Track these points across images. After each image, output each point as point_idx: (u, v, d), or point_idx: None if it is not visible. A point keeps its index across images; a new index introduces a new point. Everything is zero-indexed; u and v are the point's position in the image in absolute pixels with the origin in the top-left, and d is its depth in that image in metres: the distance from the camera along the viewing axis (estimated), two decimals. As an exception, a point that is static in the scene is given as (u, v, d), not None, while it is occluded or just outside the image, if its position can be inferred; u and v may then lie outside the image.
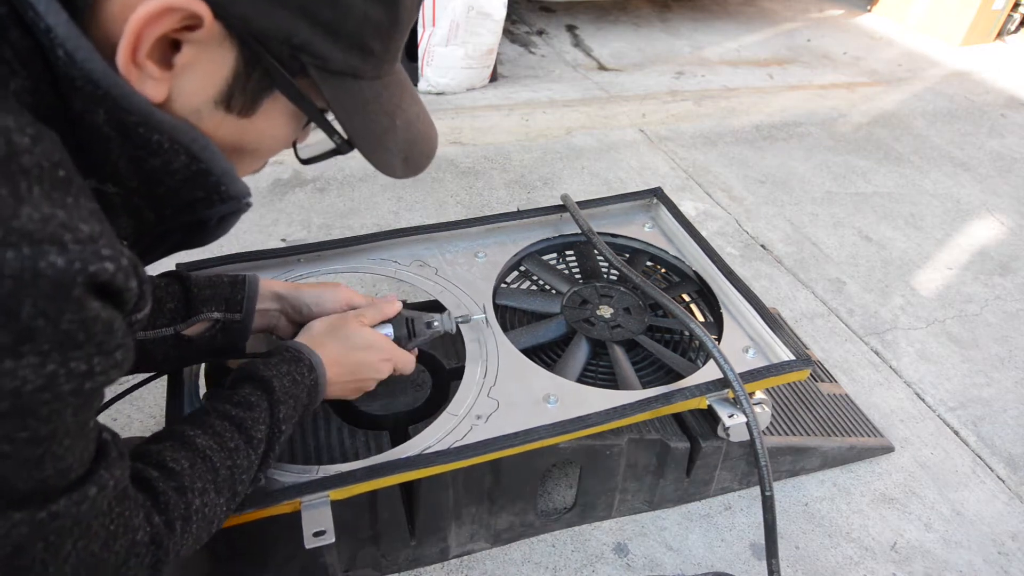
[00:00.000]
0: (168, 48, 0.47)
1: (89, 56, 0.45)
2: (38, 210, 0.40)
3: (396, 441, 0.98)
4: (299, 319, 0.97)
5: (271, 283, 0.97)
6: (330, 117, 0.57)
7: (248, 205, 0.60)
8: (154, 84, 0.48)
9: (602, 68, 2.93)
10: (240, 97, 0.52)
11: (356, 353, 0.88)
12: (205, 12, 0.45)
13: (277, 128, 0.57)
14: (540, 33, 3.22)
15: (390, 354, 0.92)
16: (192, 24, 0.46)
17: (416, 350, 1.00)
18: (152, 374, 0.92)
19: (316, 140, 0.63)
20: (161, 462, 0.64)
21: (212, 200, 0.57)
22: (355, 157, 0.61)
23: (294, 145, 0.64)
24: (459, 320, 1.01)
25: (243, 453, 0.72)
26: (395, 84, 0.60)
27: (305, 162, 0.66)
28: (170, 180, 0.54)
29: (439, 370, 1.11)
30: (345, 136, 0.58)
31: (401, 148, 0.62)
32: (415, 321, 0.97)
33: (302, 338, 0.87)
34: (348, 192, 1.93)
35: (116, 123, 0.48)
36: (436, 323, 0.98)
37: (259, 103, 0.53)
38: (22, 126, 0.42)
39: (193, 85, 0.50)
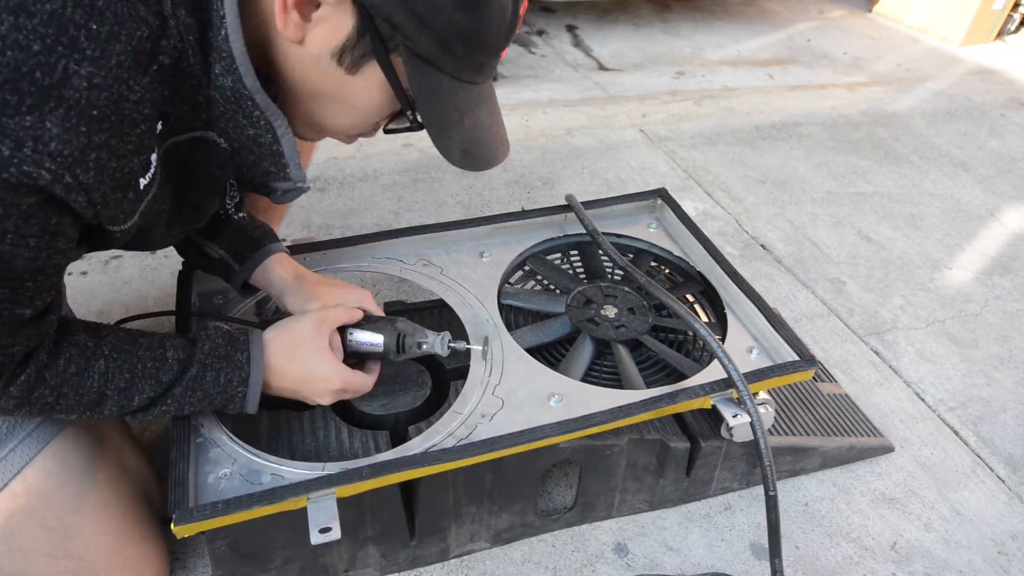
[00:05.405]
0: (310, 6, 0.65)
1: (237, 38, 0.65)
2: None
3: (396, 441, 0.98)
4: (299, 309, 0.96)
5: (288, 264, 1.01)
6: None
7: (304, 189, 0.82)
8: (295, 28, 0.66)
9: (602, 68, 2.93)
10: (348, 56, 0.68)
11: (306, 384, 0.88)
12: None
13: (371, 91, 0.72)
14: (540, 33, 3.21)
15: (341, 385, 0.89)
16: None
17: (378, 368, 0.98)
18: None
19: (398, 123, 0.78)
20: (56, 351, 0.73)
21: (278, 176, 0.77)
22: (356, 157, 0.67)
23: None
24: (451, 345, 0.96)
25: (114, 400, 0.77)
26: (475, 95, 0.73)
27: (387, 131, 0.81)
28: (256, 150, 0.74)
29: (439, 370, 1.11)
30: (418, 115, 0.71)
31: (462, 142, 0.74)
32: (406, 337, 0.94)
33: (269, 336, 0.87)
34: (348, 192, 1.92)
35: (235, 92, 0.68)
36: (426, 345, 0.95)
37: (361, 66, 0.69)
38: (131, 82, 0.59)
39: (320, 36, 0.67)
